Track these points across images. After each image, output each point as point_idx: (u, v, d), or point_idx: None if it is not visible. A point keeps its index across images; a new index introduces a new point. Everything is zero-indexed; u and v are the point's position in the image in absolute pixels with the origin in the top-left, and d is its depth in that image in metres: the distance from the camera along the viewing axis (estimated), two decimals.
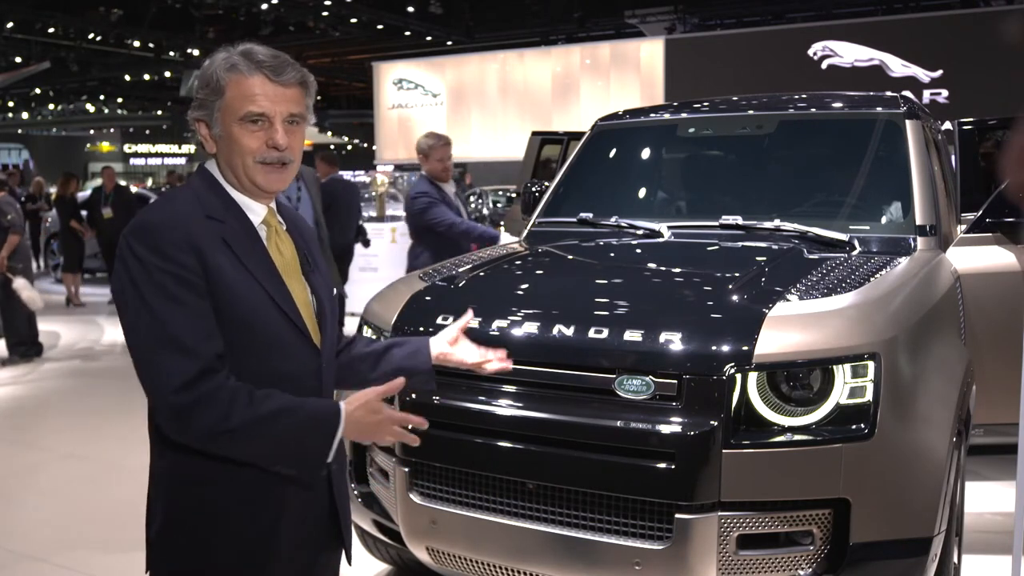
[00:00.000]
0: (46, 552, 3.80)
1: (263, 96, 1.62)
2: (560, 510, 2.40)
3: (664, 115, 4.22)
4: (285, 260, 1.70)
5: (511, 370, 2.08)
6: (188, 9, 21.28)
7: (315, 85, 1.73)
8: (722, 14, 19.70)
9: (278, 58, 1.65)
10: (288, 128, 1.65)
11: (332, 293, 1.81)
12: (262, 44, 1.68)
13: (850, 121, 3.83)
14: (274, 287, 1.63)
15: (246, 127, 1.62)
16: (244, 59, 1.62)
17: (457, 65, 17.52)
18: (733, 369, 2.28)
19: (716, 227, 3.40)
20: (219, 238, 1.60)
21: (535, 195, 4.27)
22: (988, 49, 11.88)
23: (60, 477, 4.76)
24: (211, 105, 1.64)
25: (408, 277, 3.30)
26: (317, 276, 1.77)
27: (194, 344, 1.52)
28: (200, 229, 1.59)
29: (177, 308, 1.53)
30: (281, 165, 1.66)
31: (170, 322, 1.52)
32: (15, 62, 25.09)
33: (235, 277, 1.58)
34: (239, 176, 1.66)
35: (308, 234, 1.85)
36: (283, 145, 1.64)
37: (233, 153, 1.64)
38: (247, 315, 1.59)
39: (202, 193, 1.67)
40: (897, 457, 2.34)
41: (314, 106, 1.77)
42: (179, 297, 1.53)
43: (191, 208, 1.63)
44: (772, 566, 2.30)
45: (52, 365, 7.79)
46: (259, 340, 1.60)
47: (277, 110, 1.63)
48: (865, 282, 2.70)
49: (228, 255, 1.59)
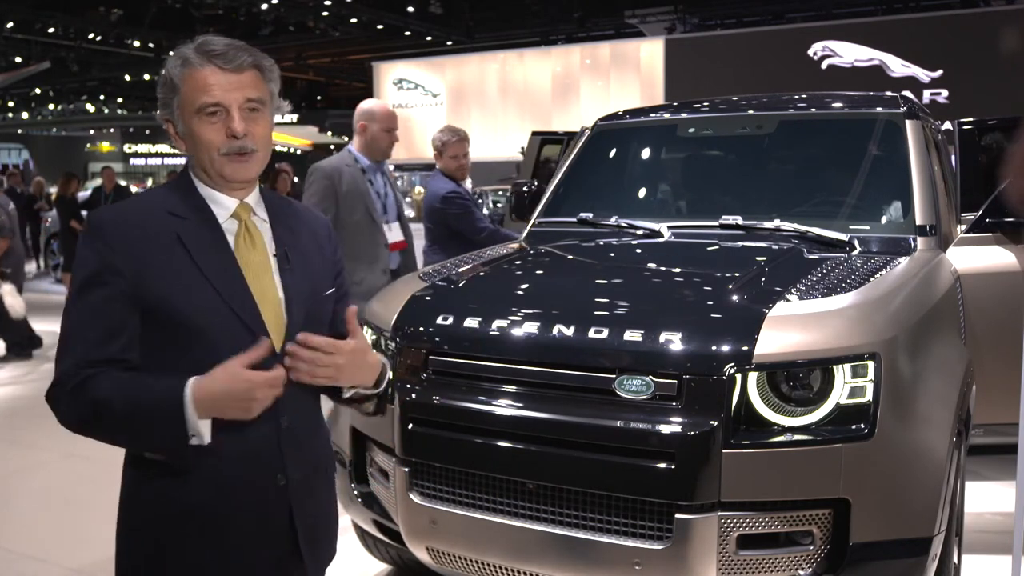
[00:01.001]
0: (46, 552, 3.80)
1: (216, 86, 1.60)
2: (560, 510, 2.40)
3: (664, 115, 4.22)
4: (253, 257, 1.66)
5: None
6: (188, 9, 21.29)
7: (275, 70, 1.69)
8: (722, 14, 19.69)
9: (231, 46, 1.62)
10: (247, 115, 1.62)
11: (320, 294, 1.75)
12: (219, 35, 1.67)
13: (850, 121, 3.83)
14: (227, 286, 1.60)
15: (204, 120, 1.61)
16: (196, 52, 1.61)
17: (457, 65, 17.53)
18: (733, 369, 2.28)
19: (716, 227, 3.40)
20: (173, 235, 1.59)
21: (525, 196, 4.25)
22: (988, 49, 11.89)
23: (60, 477, 4.76)
24: (171, 103, 1.63)
25: (408, 277, 3.30)
26: (295, 276, 1.69)
27: (79, 344, 1.55)
28: (152, 226, 1.59)
29: (81, 307, 1.57)
30: (243, 155, 1.63)
31: (71, 319, 1.58)
32: (15, 62, 25.10)
33: (182, 276, 1.57)
34: (208, 170, 1.65)
35: (313, 232, 1.79)
36: (240, 132, 1.61)
37: (197, 148, 1.63)
38: (190, 315, 1.56)
39: (172, 190, 1.68)
40: (897, 457, 2.34)
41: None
42: (88, 297, 1.57)
43: (152, 204, 1.64)
44: (772, 566, 2.30)
45: (51, 365, 7.77)
46: (204, 340, 1.57)
47: (232, 98, 1.60)
48: (865, 282, 2.70)
49: (180, 253, 1.59)
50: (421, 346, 2.67)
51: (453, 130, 4.98)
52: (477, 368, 2.57)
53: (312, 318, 1.70)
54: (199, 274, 1.58)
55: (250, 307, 1.61)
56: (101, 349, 1.55)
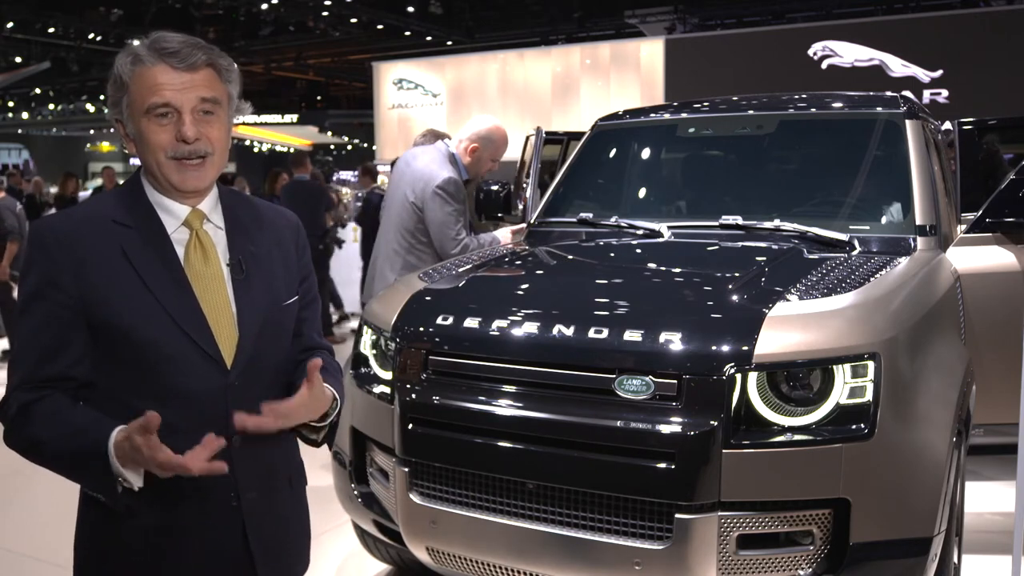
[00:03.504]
0: (46, 552, 3.80)
1: (166, 85, 1.49)
2: (560, 510, 2.40)
3: (664, 115, 4.22)
4: (205, 268, 1.56)
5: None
6: (188, 9, 21.30)
7: (233, 70, 1.59)
8: (722, 14, 19.69)
9: (186, 43, 1.51)
10: (200, 118, 1.52)
11: (282, 304, 1.65)
12: (185, 35, 1.57)
13: (850, 121, 3.83)
14: (173, 300, 1.51)
15: (154, 121, 1.51)
16: (147, 49, 1.50)
17: (457, 65, 17.50)
18: (733, 369, 2.28)
19: (716, 227, 3.40)
20: (117, 247, 1.51)
21: (495, 195, 4.09)
22: (988, 49, 11.87)
23: (60, 478, 4.75)
24: (120, 102, 1.54)
25: (408, 277, 3.30)
26: (250, 286, 1.59)
27: (23, 362, 1.51)
28: (96, 237, 1.51)
29: (27, 323, 1.51)
30: (198, 159, 1.53)
31: (20, 337, 1.53)
32: (15, 62, 25.10)
33: (125, 290, 1.49)
34: (155, 175, 1.55)
35: (276, 235, 1.68)
36: (191, 137, 1.50)
37: (145, 151, 1.53)
38: (135, 330, 1.48)
39: (120, 196, 1.59)
40: (897, 457, 2.34)
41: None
42: (33, 312, 1.50)
43: (98, 212, 1.55)
44: (772, 566, 2.30)
45: None
46: (148, 356, 1.49)
47: (184, 99, 1.50)
48: (865, 282, 2.70)
49: (123, 265, 1.50)
50: (421, 346, 2.67)
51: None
52: (477, 368, 2.57)
53: (270, 330, 1.61)
54: (145, 290, 1.49)
55: (199, 324, 1.52)
56: (44, 368, 1.49)
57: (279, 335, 1.65)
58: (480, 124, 4.15)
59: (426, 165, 3.99)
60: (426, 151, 4.14)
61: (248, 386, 1.56)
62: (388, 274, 3.98)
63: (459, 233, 3.87)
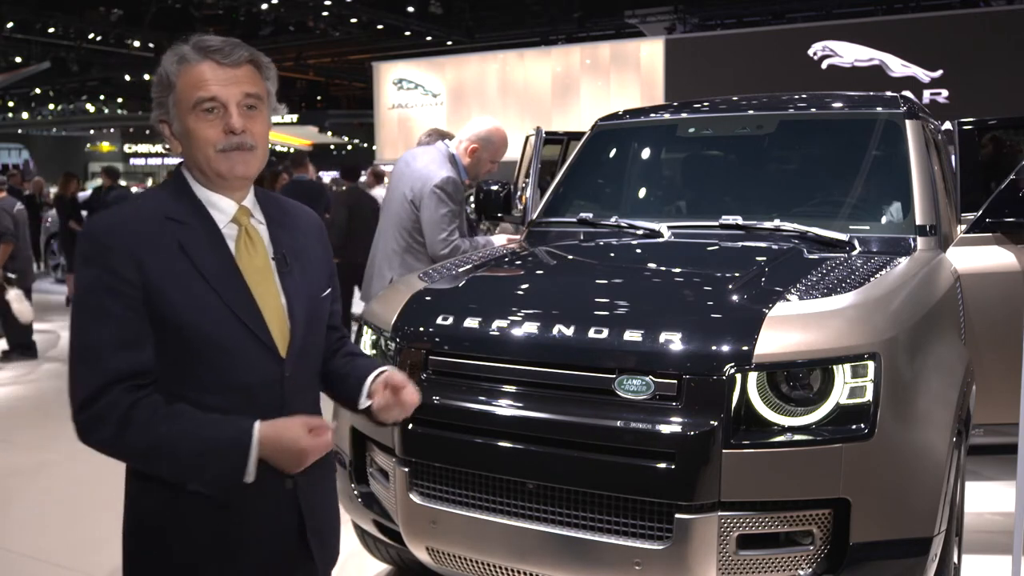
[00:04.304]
0: (46, 552, 3.80)
1: (213, 81, 1.56)
2: (560, 510, 2.40)
3: (664, 115, 4.22)
4: (255, 263, 1.63)
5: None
6: (188, 9, 21.31)
7: (272, 68, 1.66)
8: (722, 14, 19.70)
9: (227, 42, 1.59)
10: (245, 112, 1.59)
11: (318, 295, 1.73)
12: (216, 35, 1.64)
13: (850, 121, 3.83)
14: (231, 293, 1.57)
15: (201, 117, 1.57)
16: (192, 48, 1.58)
17: (457, 65, 17.51)
18: (733, 369, 2.28)
19: (716, 227, 3.40)
20: (175, 242, 1.55)
21: (495, 195, 4.10)
22: (988, 49, 11.88)
23: (60, 477, 4.76)
24: (166, 102, 1.60)
25: (408, 277, 3.30)
26: (295, 279, 1.67)
27: (105, 357, 1.50)
28: (152, 233, 1.55)
29: (99, 318, 1.50)
30: (242, 151, 1.59)
31: (90, 332, 1.51)
32: (15, 62, 25.11)
33: (185, 284, 1.53)
34: (204, 170, 1.60)
35: (305, 230, 1.76)
36: (239, 127, 1.57)
37: (194, 147, 1.59)
38: (195, 324, 1.53)
39: (168, 194, 1.63)
40: (897, 457, 2.34)
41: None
42: (105, 307, 1.50)
43: (150, 210, 1.59)
44: (772, 566, 2.30)
45: (52, 365, 7.79)
46: (209, 349, 1.54)
47: (230, 93, 1.57)
48: (865, 282, 2.70)
49: (182, 260, 1.55)
50: (421, 346, 2.67)
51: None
52: (477, 368, 2.57)
53: (312, 321, 1.69)
54: (203, 282, 1.55)
55: (256, 316, 1.58)
56: (128, 359, 1.50)
57: (320, 326, 1.73)
58: (480, 125, 4.15)
59: (426, 165, 4.00)
60: (426, 151, 4.15)
61: (299, 375, 1.65)
62: (386, 273, 3.98)
63: (451, 235, 3.86)
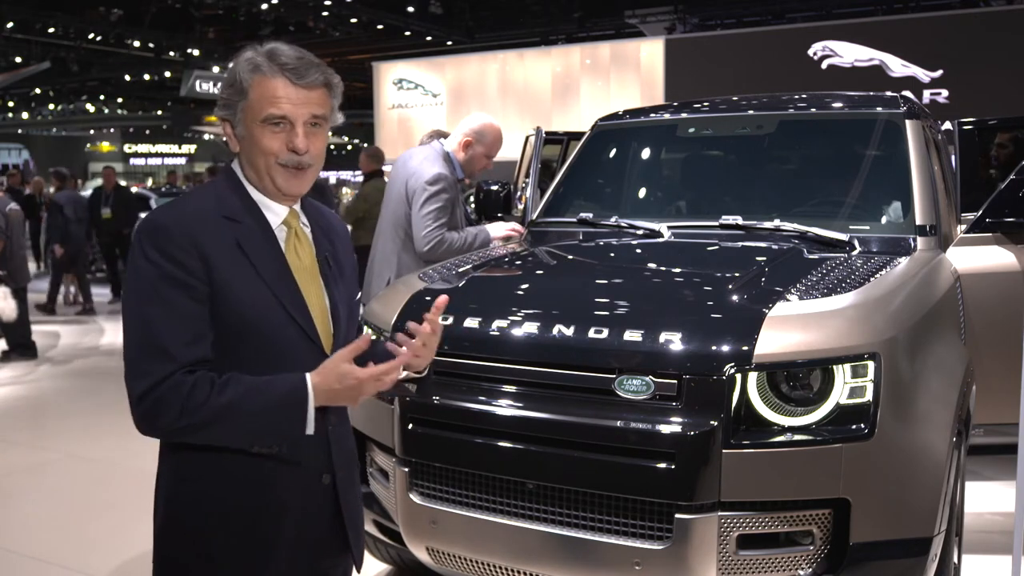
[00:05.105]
0: (46, 552, 3.80)
1: (285, 99, 1.61)
2: (560, 510, 2.40)
3: (664, 115, 4.22)
4: (303, 264, 1.69)
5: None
6: (188, 9, 21.32)
7: (340, 86, 1.71)
8: (722, 14, 19.71)
9: (302, 59, 1.63)
10: (309, 131, 1.64)
11: (353, 298, 1.80)
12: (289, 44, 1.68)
13: (850, 121, 3.83)
14: (286, 292, 1.63)
15: (267, 128, 1.62)
16: (268, 60, 1.62)
17: (457, 65, 17.50)
18: (733, 369, 2.28)
19: (716, 227, 3.40)
20: (232, 240, 1.60)
21: (495, 195, 4.13)
22: (988, 49, 11.88)
23: (60, 477, 4.76)
24: (235, 105, 1.64)
25: (408, 277, 3.30)
26: (337, 281, 1.75)
27: (171, 347, 1.52)
28: (212, 230, 1.59)
29: (164, 310, 1.54)
30: (300, 169, 1.65)
31: (154, 323, 1.54)
32: (15, 62, 25.11)
33: (244, 281, 1.59)
34: (260, 176, 1.66)
35: (338, 236, 1.83)
36: (302, 149, 1.63)
37: (255, 154, 1.65)
38: (253, 320, 1.59)
39: (223, 192, 1.67)
40: (897, 457, 2.34)
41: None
42: (170, 299, 1.54)
43: (207, 208, 1.63)
44: (772, 566, 2.30)
45: (51, 365, 7.80)
46: (265, 345, 1.60)
47: (299, 113, 1.62)
48: (865, 282, 2.70)
49: (240, 258, 1.60)
50: None
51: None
52: (477, 368, 2.57)
53: (351, 319, 1.77)
54: (259, 279, 1.60)
55: (306, 315, 1.65)
56: (194, 350, 1.54)
57: (355, 325, 1.80)
58: (472, 121, 4.16)
59: (419, 163, 4.01)
60: (421, 150, 4.16)
61: None
62: (385, 273, 3.99)
63: (434, 231, 3.84)
